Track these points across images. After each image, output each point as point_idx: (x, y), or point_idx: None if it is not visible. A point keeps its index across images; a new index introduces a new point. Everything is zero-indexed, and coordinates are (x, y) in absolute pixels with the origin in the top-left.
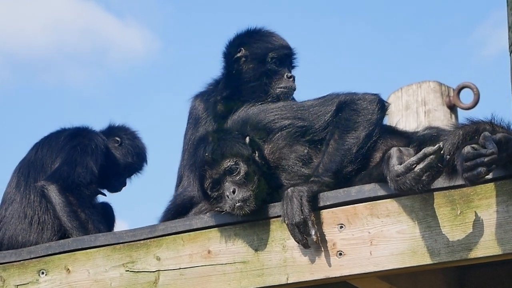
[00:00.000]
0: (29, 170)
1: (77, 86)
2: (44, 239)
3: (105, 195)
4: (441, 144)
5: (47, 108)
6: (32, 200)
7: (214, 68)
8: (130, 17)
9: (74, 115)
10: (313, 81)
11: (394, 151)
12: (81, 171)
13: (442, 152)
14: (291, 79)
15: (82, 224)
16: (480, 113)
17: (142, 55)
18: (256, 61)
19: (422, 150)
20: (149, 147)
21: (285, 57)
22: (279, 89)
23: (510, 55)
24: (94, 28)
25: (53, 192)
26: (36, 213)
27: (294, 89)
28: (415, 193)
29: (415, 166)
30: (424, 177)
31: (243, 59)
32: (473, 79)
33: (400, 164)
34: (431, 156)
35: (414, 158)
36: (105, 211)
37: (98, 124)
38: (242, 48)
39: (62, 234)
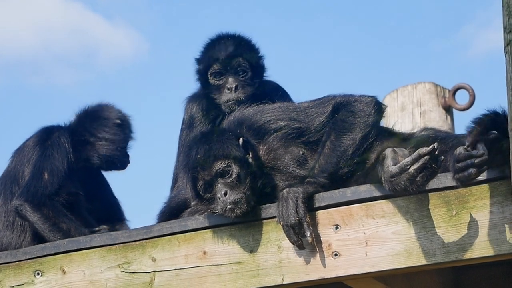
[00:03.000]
0: (6, 179)
1: (66, 86)
2: (27, 240)
3: (81, 193)
4: (435, 145)
5: (35, 109)
6: (10, 209)
7: None
8: (118, 17)
9: (63, 116)
10: (308, 82)
11: (388, 152)
12: (48, 179)
13: (436, 153)
14: (233, 89)
15: (65, 234)
16: (475, 114)
17: (131, 56)
18: (203, 78)
19: (417, 151)
20: (140, 148)
21: (225, 67)
22: (223, 105)
23: (505, 55)
24: (82, 28)
25: (28, 211)
26: (16, 218)
27: (238, 100)
28: (410, 193)
29: (410, 167)
30: (418, 178)
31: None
32: (459, 80)
33: (395, 165)
34: (425, 157)
35: (408, 159)
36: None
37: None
38: (197, 63)
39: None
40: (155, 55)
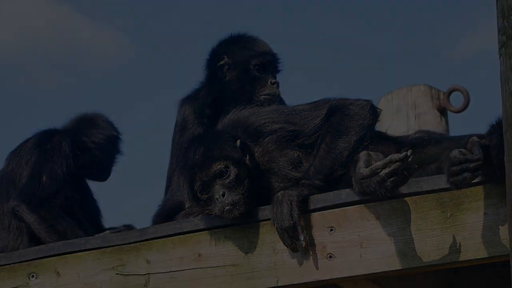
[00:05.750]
0: (1, 182)
1: (51, 90)
2: (24, 243)
3: (77, 197)
4: (408, 152)
5: (20, 111)
6: (6, 210)
7: (190, 73)
8: (104, 20)
9: (49, 120)
10: (302, 85)
11: (363, 154)
12: (46, 182)
13: (409, 160)
14: (275, 85)
15: (61, 236)
16: (470, 116)
17: (117, 59)
18: (239, 69)
19: (389, 156)
20: (130, 151)
21: (268, 63)
22: (263, 96)
23: (500, 57)
24: (68, 31)
25: (24, 213)
26: (13, 220)
27: (278, 95)
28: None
29: (381, 171)
30: (388, 183)
31: (226, 67)
32: (445, 82)
33: (367, 167)
34: (397, 163)
35: (380, 163)
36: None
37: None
38: (225, 56)
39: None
40: (142, 57)
